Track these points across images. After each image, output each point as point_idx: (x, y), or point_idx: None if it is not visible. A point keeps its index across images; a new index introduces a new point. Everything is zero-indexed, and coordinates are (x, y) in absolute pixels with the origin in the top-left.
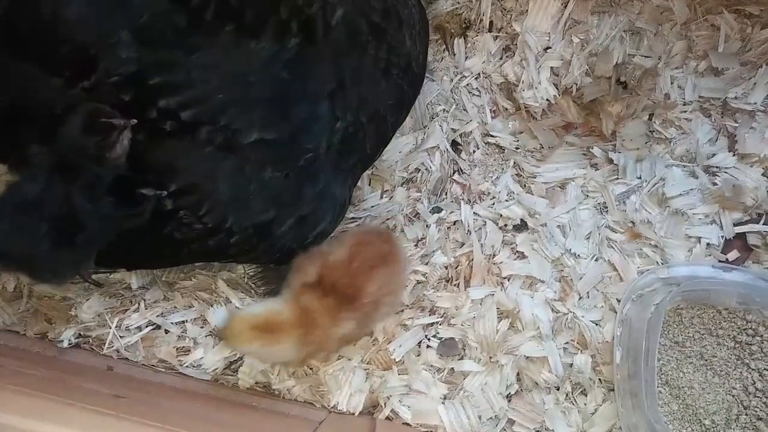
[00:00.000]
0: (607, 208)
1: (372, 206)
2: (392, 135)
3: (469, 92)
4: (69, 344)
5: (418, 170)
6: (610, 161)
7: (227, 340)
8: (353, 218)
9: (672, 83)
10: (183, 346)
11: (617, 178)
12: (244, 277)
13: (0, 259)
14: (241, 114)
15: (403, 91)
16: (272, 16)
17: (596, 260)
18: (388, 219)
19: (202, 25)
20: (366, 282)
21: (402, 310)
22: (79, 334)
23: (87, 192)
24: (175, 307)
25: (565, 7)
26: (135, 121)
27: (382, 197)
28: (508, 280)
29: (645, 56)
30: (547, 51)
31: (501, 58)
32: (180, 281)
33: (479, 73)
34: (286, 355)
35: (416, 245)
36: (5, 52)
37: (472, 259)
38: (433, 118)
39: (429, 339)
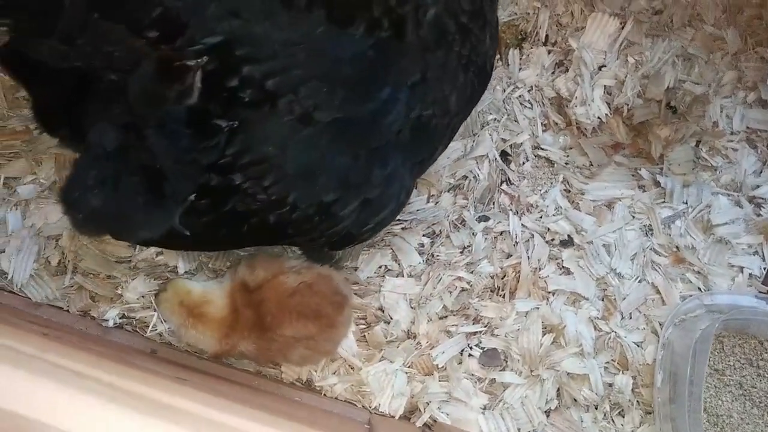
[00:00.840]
0: (652, 230)
1: (418, 210)
2: (455, 134)
3: (521, 104)
4: (114, 324)
5: (465, 177)
6: (658, 184)
7: (157, 304)
8: (399, 220)
9: (721, 112)
10: None
11: (664, 202)
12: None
13: (91, 220)
14: (322, 89)
15: (474, 89)
16: (365, 12)
17: (640, 282)
18: (434, 224)
19: (293, 6)
20: (286, 323)
21: (446, 316)
22: (123, 314)
23: (160, 128)
24: None
25: (623, 27)
26: (206, 58)
27: (428, 201)
28: (553, 295)
29: (695, 83)
30: (602, 69)
31: (554, 72)
32: (226, 269)
33: (532, 86)
34: (202, 343)
35: (462, 252)
36: (97, 9)
37: (519, 271)
38: (483, 127)
39: (471, 348)
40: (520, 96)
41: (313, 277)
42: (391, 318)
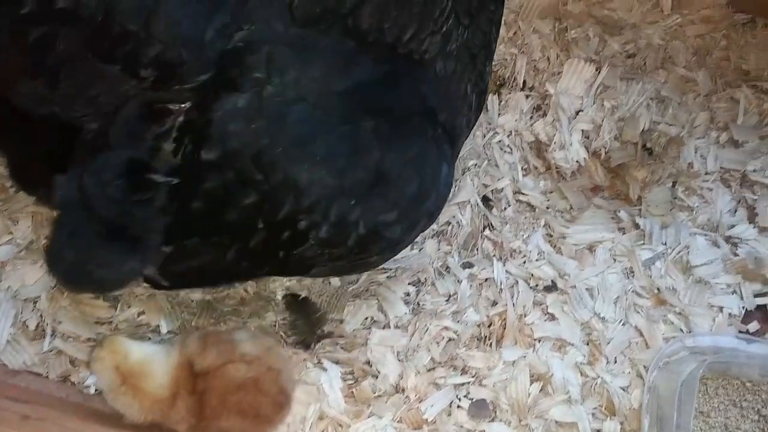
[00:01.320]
0: (633, 272)
1: (402, 257)
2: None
3: (501, 149)
4: (96, 390)
5: (448, 223)
6: (637, 226)
7: (91, 360)
8: (384, 269)
9: (695, 152)
10: None
11: (643, 243)
12: (274, 325)
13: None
14: None
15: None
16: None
17: (623, 325)
18: (419, 272)
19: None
20: (224, 417)
21: (434, 368)
22: None
23: (95, 176)
24: None
25: (599, 72)
26: (189, 104)
27: (412, 248)
28: (539, 342)
29: (670, 124)
30: (579, 114)
31: (532, 117)
32: (210, 327)
33: (511, 131)
34: (130, 412)
35: (447, 300)
36: (93, 49)
37: (505, 319)
38: (464, 172)
39: (460, 399)
40: (499, 141)
41: (261, 371)
42: (379, 372)
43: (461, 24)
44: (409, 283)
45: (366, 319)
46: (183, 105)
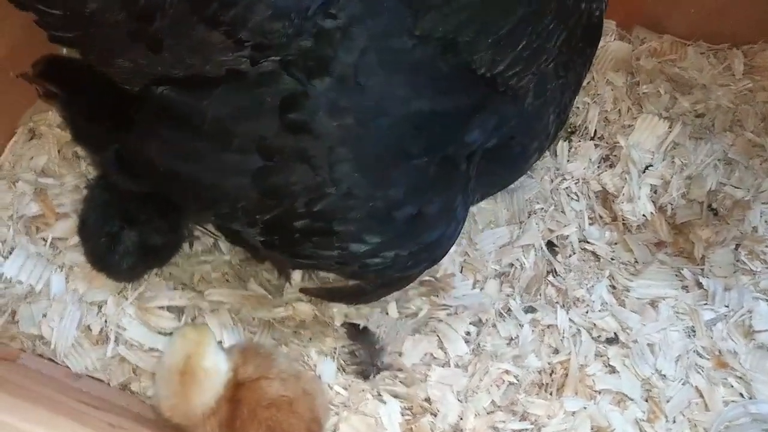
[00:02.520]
0: (695, 332)
1: (464, 294)
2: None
3: (568, 195)
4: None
5: (511, 265)
6: (700, 285)
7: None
8: (445, 306)
9: (760, 217)
10: None
11: (706, 304)
12: (334, 351)
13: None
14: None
15: (547, 139)
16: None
17: (683, 384)
18: (480, 311)
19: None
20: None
21: (494, 411)
22: None
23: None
24: None
25: (671, 129)
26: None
27: (474, 287)
28: (600, 394)
29: (736, 187)
30: (649, 168)
31: (599, 167)
32: (270, 347)
33: (579, 179)
34: (162, 394)
35: (509, 344)
36: (199, 12)
37: (568, 368)
38: (530, 215)
39: None
40: (567, 188)
41: (296, 392)
42: (438, 411)
43: (558, 74)
44: (470, 323)
45: (425, 354)
46: None
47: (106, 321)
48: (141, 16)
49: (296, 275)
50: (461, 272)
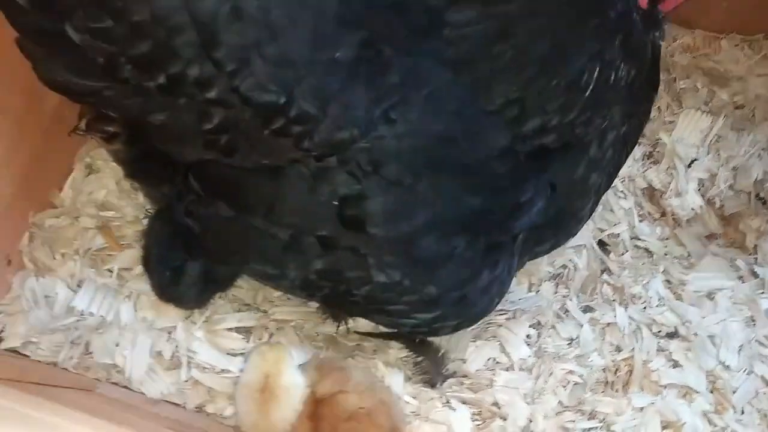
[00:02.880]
0: (755, 321)
1: (519, 298)
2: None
3: (615, 194)
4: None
5: (565, 266)
6: (755, 275)
7: (257, 349)
8: (502, 310)
9: None
10: None
11: (763, 293)
12: (398, 360)
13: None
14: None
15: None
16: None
17: (748, 374)
18: (538, 314)
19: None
20: None
21: (562, 412)
22: None
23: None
24: None
25: (713, 122)
26: None
27: (529, 290)
28: (665, 389)
29: None
30: (694, 163)
31: (643, 164)
32: (337, 361)
33: (625, 177)
34: (243, 411)
35: (570, 344)
36: (270, 126)
37: (632, 365)
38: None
39: None
40: (614, 186)
41: (374, 403)
42: (508, 414)
43: (622, 121)
44: (529, 326)
45: (489, 360)
46: None
47: (176, 346)
48: (217, 131)
49: None
50: (516, 277)
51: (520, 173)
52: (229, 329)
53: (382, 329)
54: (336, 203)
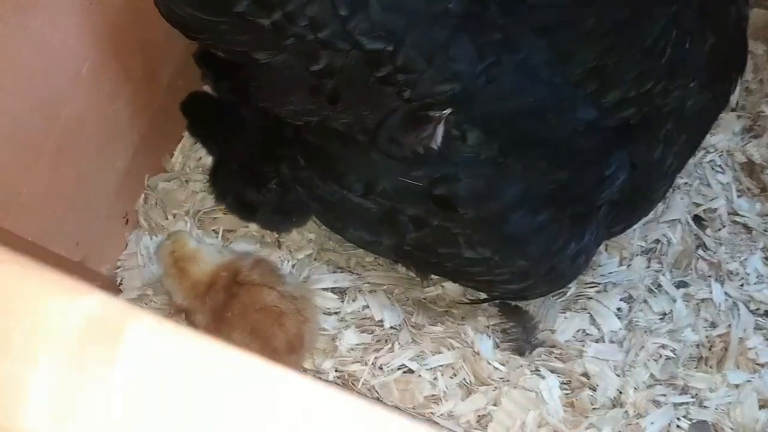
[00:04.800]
0: None
1: (610, 272)
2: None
3: (713, 168)
4: (333, 378)
5: (657, 241)
6: None
7: (157, 248)
8: (593, 283)
9: None
10: (433, 395)
11: None
12: (487, 328)
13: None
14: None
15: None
16: (619, 89)
17: None
18: (630, 288)
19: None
20: (237, 331)
21: (653, 385)
22: (336, 368)
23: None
24: (423, 352)
25: None
26: (450, 110)
27: (620, 264)
28: (763, 367)
29: None
30: None
31: (743, 138)
32: (428, 326)
33: (723, 151)
34: (173, 292)
35: (662, 319)
36: (377, 75)
37: (727, 342)
38: (674, 191)
39: (680, 419)
40: (711, 161)
41: (290, 309)
42: (597, 385)
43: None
44: (620, 299)
45: (578, 331)
46: (443, 112)
47: None
48: (322, 74)
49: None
50: (606, 250)
51: (605, 147)
52: (325, 289)
53: (473, 293)
54: (426, 185)
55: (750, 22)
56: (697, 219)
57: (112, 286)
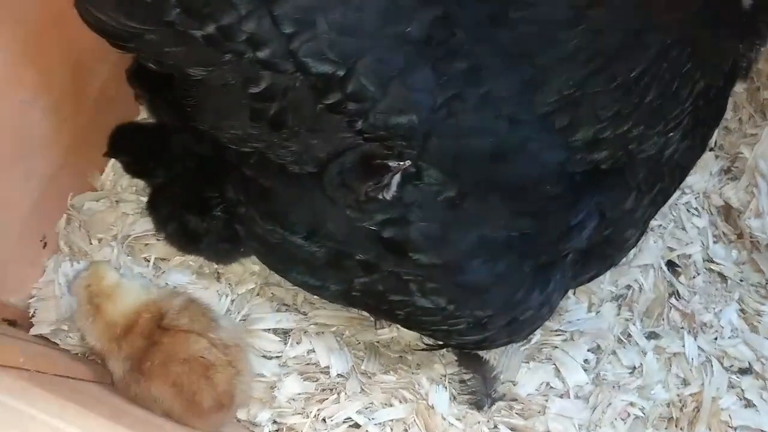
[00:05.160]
0: None
1: (578, 319)
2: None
3: (689, 210)
4: (268, 431)
5: (629, 287)
6: None
7: (73, 279)
8: (559, 331)
9: None
10: None
11: None
12: (443, 377)
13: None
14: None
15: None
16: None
17: None
18: (598, 337)
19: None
20: (157, 383)
21: None
22: (274, 420)
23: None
24: (373, 404)
25: None
26: (409, 163)
27: (589, 311)
28: (736, 430)
29: None
30: None
31: (720, 180)
32: (379, 374)
33: (699, 193)
34: (87, 333)
35: (632, 373)
36: (323, 101)
37: (700, 401)
38: (647, 233)
39: None
40: (687, 202)
41: (221, 360)
42: None
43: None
44: (587, 349)
45: (542, 384)
46: (402, 163)
47: None
48: (263, 97)
49: None
50: (574, 295)
51: (572, 195)
52: (266, 330)
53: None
54: (376, 228)
55: None
56: (670, 264)
57: (23, 318)
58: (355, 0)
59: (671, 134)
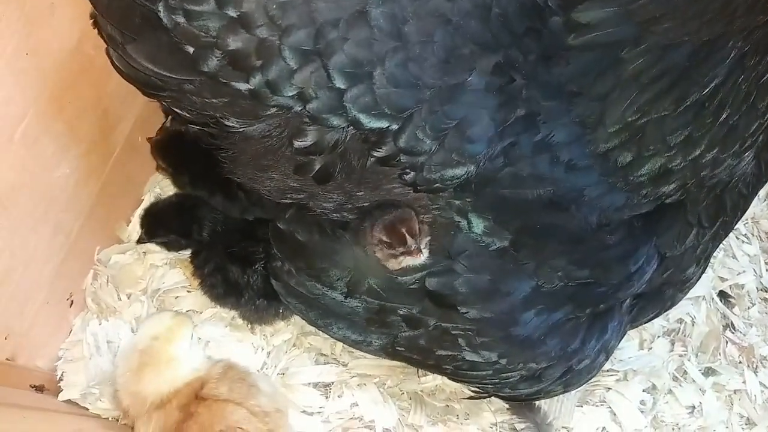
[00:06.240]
0: None
1: (630, 357)
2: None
3: (737, 238)
4: None
5: (681, 321)
6: None
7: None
8: (611, 371)
9: None
10: None
11: None
12: (494, 426)
13: None
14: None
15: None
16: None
17: None
18: (652, 376)
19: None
20: None
21: None
22: None
23: None
24: None
25: None
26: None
27: (641, 348)
28: None
29: None
30: None
31: None
32: (426, 426)
33: (748, 218)
34: (119, 381)
35: (691, 414)
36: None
37: None
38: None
39: None
40: (736, 229)
41: (260, 430)
42: None
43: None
44: (642, 390)
45: (598, 429)
46: (415, 245)
47: None
48: (308, 151)
49: None
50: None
51: (632, 241)
52: (306, 384)
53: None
54: (418, 281)
55: None
56: (723, 295)
57: (50, 382)
58: (414, 49)
59: (746, 154)
